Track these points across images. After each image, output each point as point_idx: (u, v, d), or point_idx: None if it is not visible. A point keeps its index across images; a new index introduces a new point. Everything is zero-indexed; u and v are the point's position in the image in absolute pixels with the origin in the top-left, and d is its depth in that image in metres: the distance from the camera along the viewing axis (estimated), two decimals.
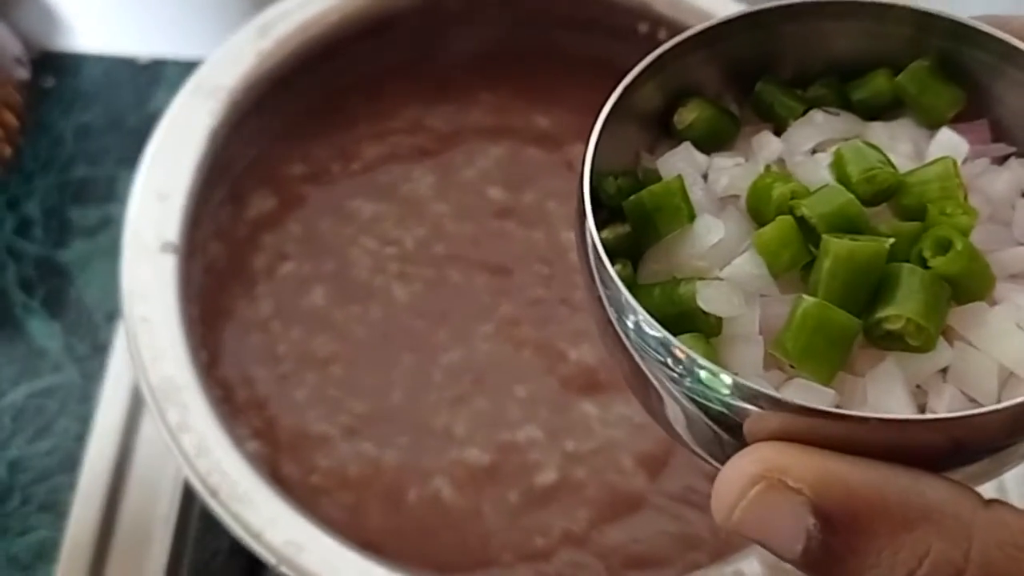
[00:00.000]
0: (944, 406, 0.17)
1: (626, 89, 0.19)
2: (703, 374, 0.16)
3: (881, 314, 0.17)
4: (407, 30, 0.44)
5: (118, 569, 0.39)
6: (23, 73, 0.52)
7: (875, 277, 0.17)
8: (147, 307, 0.36)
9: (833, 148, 0.19)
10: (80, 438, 0.42)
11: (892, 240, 0.17)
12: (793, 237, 0.17)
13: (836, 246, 0.17)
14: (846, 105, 0.20)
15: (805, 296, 0.17)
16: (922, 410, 0.17)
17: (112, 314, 0.45)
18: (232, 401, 0.39)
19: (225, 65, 0.41)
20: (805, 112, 0.20)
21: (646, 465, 0.38)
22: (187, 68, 0.42)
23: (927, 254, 0.17)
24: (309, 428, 0.38)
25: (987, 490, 0.18)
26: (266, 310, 0.41)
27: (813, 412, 0.15)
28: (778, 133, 0.20)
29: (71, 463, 0.41)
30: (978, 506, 0.15)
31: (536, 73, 0.45)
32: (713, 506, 0.16)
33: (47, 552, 0.40)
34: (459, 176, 0.44)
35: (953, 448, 0.16)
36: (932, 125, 0.20)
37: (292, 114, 0.44)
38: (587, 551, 0.36)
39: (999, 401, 0.17)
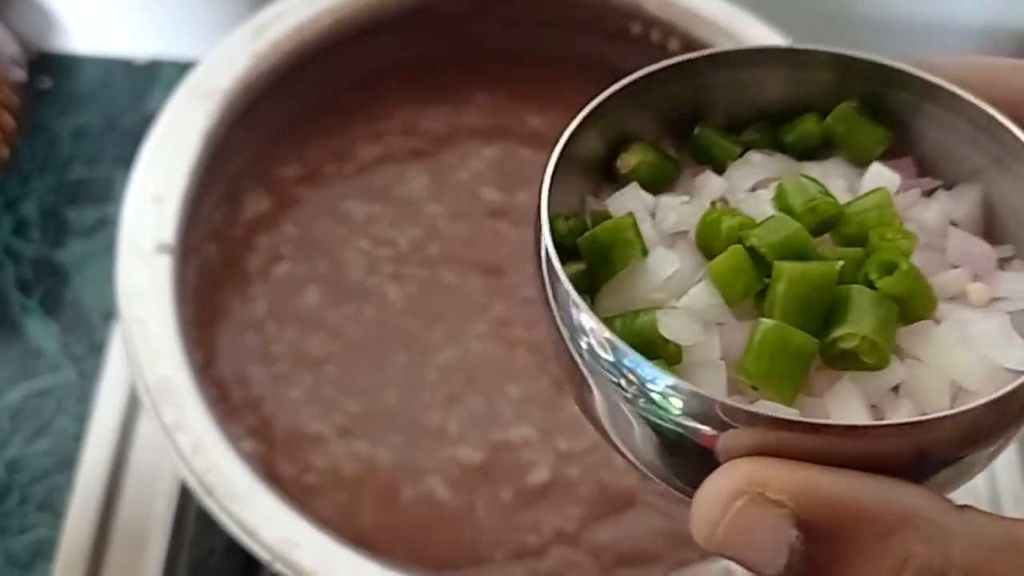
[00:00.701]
0: (902, 417, 0.17)
1: (570, 137, 0.19)
2: (672, 393, 0.16)
3: (836, 333, 0.17)
4: (401, 32, 0.44)
5: (115, 568, 0.39)
6: (20, 74, 0.52)
7: (828, 297, 0.17)
8: (143, 308, 0.36)
9: (774, 184, 0.20)
10: (78, 438, 0.42)
11: (842, 262, 0.18)
12: (746, 265, 0.18)
13: (789, 269, 0.17)
14: (779, 147, 0.21)
15: (763, 319, 0.17)
16: None
17: (109, 314, 0.46)
18: (227, 401, 0.39)
19: (220, 67, 0.41)
20: (742, 154, 0.21)
21: None
22: (183, 69, 0.42)
23: (873, 276, 0.18)
24: (304, 427, 0.39)
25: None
26: (261, 310, 0.41)
27: (790, 424, 0.16)
28: (718, 172, 0.21)
29: (69, 462, 0.42)
30: (953, 510, 0.16)
31: (529, 74, 0.46)
32: (693, 525, 0.16)
33: (45, 551, 0.41)
34: (453, 177, 0.44)
35: (918, 457, 0.16)
36: (862, 163, 0.20)
37: (287, 116, 0.44)
38: (579, 549, 0.37)
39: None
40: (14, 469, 0.43)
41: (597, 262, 0.19)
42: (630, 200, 0.20)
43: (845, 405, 0.17)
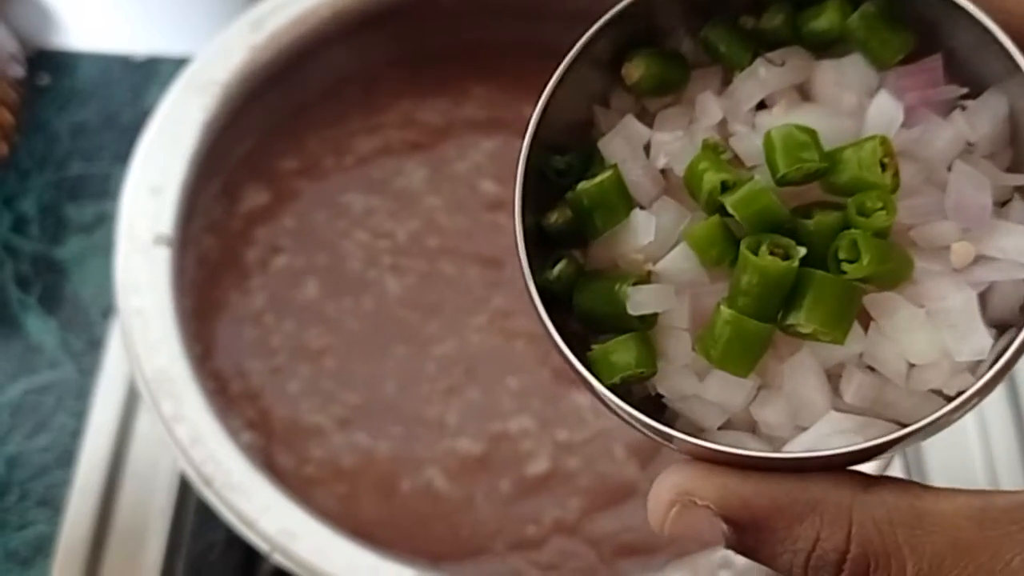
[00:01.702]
0: (851, 391, 0.18)
1: (588, 43, 0.19)
2: (609, 404, 0.19)
3: (791, 320, 0.18)
4: (398, 25, 0.44)
5: (115, 562, 0.39)
6: (19, 71, 0.52)
7: (786, 288, 0.18)
8: (141, 299, 0.36)
9: (777, 107, 0.20)
10: (77, 434, 0.42)
11: (803, 253, 0.18)
12: (719, 236, 0.19)
13: (752, 262, 0.18)
14: (797, 36, 0.20)
15: (723, 307, 0.18)
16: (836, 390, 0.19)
17: (108, 310, 0.46)
18: (226, 393, 0.39)
19: (218, 60, 0.41)
20: (753, 57, 0.20)
21: (637, 454, 0.38)
22: (181, 65, 0.42)
23: (842, 255, 0.18)
24: (303, 419, 0.39)
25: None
26: (259, 303, 0.41)
27: (704, 447, 0.18)
28: (728, 72, 0.21)
29: (68, 458, 0.42)
30: (857, 490, 0.18)
31: (527, 66, 0.45)
32: (649, 518, 0.19)
33: (45, 546, 0.41)
34: (451, 169, 0.44)
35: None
36: (882, 66, 0.20)
37: (285, 108, 0.44)
38: (579, 539, 0.37)
39: (907, 380, 0.19)
40: (14, 465, 0.43)
41: (583, 220, 0.20)
42: (620, 143, 0.20)
43: (801, 376, 0.19)
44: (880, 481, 0.18)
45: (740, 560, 0.31)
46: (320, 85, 0.45)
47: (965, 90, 0.20)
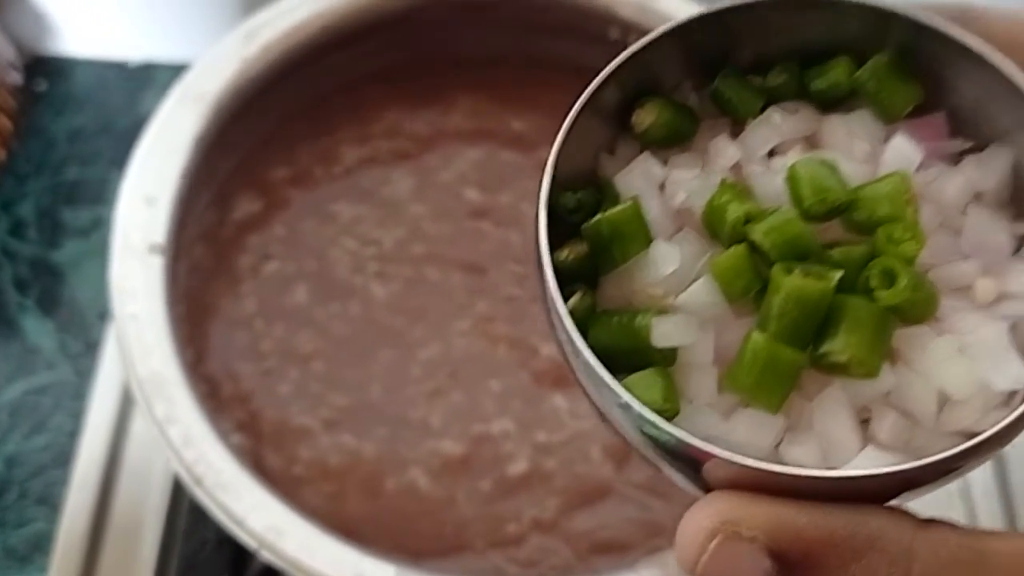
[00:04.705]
0: (886, 429, 0.18)
1: (592, 93, 0.19)
2: (646, 428, 0.17)
3: (826, 348, 0.17)
4: (387, 38, 0.45)
5: (111, 560, 0.40)
6: (16, 77, 0.53)
7: (822, 312, 0.17)
8: (135, 306, 0.37)
9: (791, 153, 0.20)
10: (74, 434, 0.43)
11: (840, 274, 0.18)
12: (746, 266, 0.18)
13: (786, 284, 0.17)
14: (805, 93, 0.20)
15: (755, 332, 0.18)
16: (866, 429, 0.18)
17: (104, 313, 0.46)
18: (217, 395, 0.40)
19: (210, 72, 0.42)
20: (763, 108, 0.20)
21: (613, 455, 0.39)
22: (176, 71, 0.43)
23: (874, 283, 0.18)
24: (291, 421, 0.40)
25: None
26: (250, 308, 0.42)
27: (748, 467, 0.17)
28: (736, 124, 0.21)
29: (66, 458, 0.42)
30: (917, 528, 0.17)
31: (512, 78, 0.46)
32: (678, 557, 0.17)
33: (43, 543, 0.41)
34: (437, 178, 0.45)
35: (901, 485, 0.17)
36: (890, 119, 0.20)
37: (276, 119, 0.45)
38: (556, 537, 0.38)
39: (937, 423, 0.18)
40: (13, 464, 0.44)
41: (600, 252, 0.19)
42: (639, 176, 0.20)
43: (831, 413, 0.18)
44: (934, 521, 0.17)
45: None
46: (310, 96, 0.45)
47: (970, 143, 0.20)
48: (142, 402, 0.35)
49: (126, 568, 0.40)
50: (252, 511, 0.33)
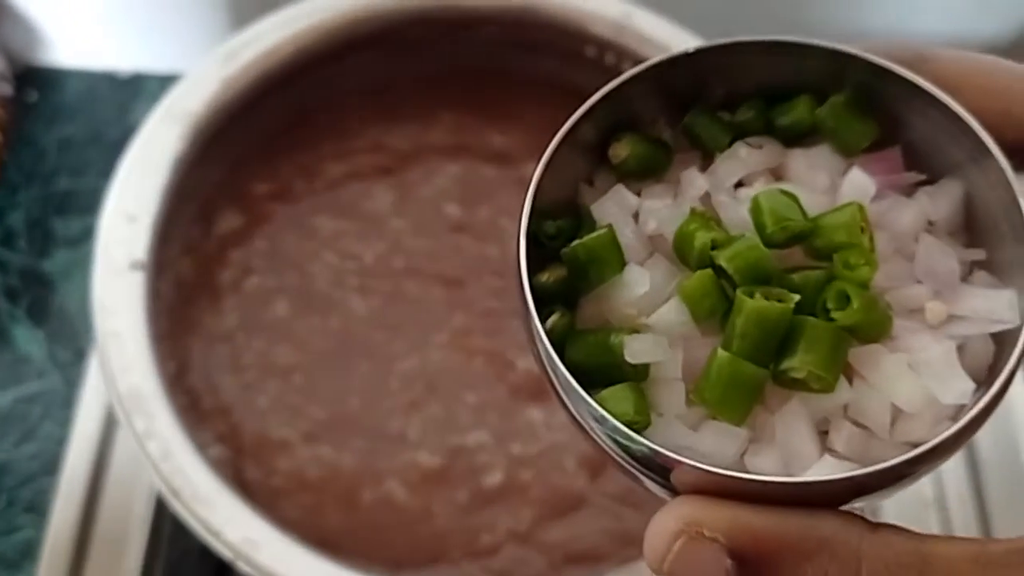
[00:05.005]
0: (842, 440, 0.19)
1: (571, 128, 0.21)
2: (620, 438, 0.19)
3: (786, 364, 0.19)
4: (367, 55, 0.46)
5: (97, 566, 0.40)
6: (6, 88, 0.53)
7: (782, 331, 0.19)
8: (116, 321, 0.37)
9: (756, 184, 0.21)
10: (63, 442, 0.43)
11: (798, 297, 0.19)
12: (712, 288, 0.19)
13: (748, 305, 0.19)
14: (770, 128, 0.22)
15: (720, 350, 0.19)
16: (823, 443, 0.19)
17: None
18: (198, 408, 0.40)
19: (191, 91, 0.42)
20: (731, 142, 0.22)
21: (587, 467, 0.40)
22: (166, 82, 0.43)
23: (830, 305, 0.19)
24: (271, 433, 0.40)
25: None
26: (232, 322, 0.42)
27: (711, 473, 0.18)
28: (706, 157, 0.22)
29: (54, 466, 0.43)
30: (865, 531, 0.18)
31: (492, 94, 0.47)
32: (646, 556, 0.18)
33: (32, 550, 0.42)
34: (417, 193, 0.45)
35: (851, 491, 0.18)
36: (848, 153, 0.21)
37: (258, 135, 0.45)
38: (531, 548, 0.38)
39: (891, 434, 0.19)
40: (2, 472, 0.44)
41: (578, 276, 0.21)
42: (614, 205, 0.21)
43: (791, 426, 0.19)
44: (883, 525, 0.18)
45: None
46: (292, 113, 0.46)
47: (924, 176, 0.21)
48: (123, 417, 0.36)
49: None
50: (228, 523, 0.34)
